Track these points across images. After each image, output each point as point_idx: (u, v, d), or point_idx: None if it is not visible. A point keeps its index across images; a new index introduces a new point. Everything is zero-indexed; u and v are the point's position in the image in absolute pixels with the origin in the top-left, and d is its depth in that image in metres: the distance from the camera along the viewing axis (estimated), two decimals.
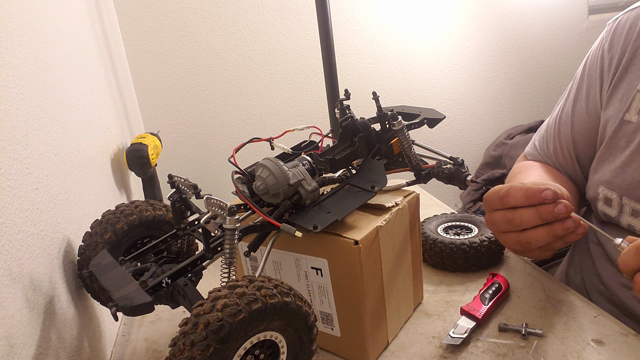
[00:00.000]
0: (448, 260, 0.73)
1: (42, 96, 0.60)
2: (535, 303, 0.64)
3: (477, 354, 0.56)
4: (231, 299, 0.39)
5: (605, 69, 0.73)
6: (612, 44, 0.72)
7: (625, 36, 0.70)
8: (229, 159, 0.55)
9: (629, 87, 0.68)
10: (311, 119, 1.79)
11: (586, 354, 0.54)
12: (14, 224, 0.45)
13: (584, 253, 0.79)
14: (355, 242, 0.50)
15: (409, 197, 0.60)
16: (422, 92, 1.87)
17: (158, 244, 0.57)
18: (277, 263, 0.58)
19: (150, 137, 1.01)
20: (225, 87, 1.70)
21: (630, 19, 0.70)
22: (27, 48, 0.58)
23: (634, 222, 0.65)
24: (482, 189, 1.78)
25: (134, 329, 0.70)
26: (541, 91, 1.98)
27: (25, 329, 0.44)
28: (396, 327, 0.61)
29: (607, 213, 0.70)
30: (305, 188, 0.52)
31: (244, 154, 0.57)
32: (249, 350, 0.41)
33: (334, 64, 1.15)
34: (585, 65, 0.78)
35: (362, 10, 1.72)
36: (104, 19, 1.22)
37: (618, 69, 0.70)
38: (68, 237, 0.60)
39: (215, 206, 0.46)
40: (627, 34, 0.70)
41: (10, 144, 0.47)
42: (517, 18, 1.87)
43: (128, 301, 0.42)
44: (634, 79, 0.68)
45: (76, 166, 0.68)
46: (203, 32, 1.62)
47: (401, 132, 0.59)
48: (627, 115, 0.67)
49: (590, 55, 0.77)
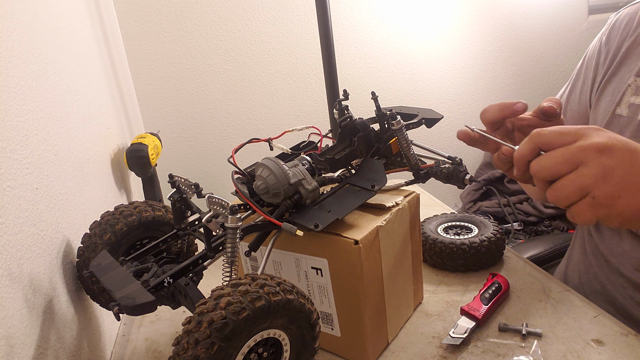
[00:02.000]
0: (448, 260, 0.73)
1: (42, 96, 0.60)
2: (535, 303, 0.64)
3: (477, 354, 0.56)
4: (234, 297, 0.39)
5: (601, 62, 0.74)
6: (610, 38, 0.73)
7: (622, 31, 0.71)
8: (229, 160, 0.55)
9: (620, 81, 0.69)
10: (311, 119, 1.79)
11: (586, 354, 0.54)
12: (14, 224, 0.45)
13: (581, 254, 0.80)
14: (355, 242, 0.50)
15: (409, 197, 0.60)
16: (422, 92, 1.87)
17: (158, 244, 0.57)
18: (277, 263, 0.58)
19: (150, 137, 1.01)
20: (225, 87, 1.70)
21: (629, 15, 0.71)
22: (27, 48, 0.58)
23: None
24: (482, 188, 1.78)
25: (134, 329, 0.70)
26: (541, 91, 1.98)
27: (24, 329, 0.44)
28: (396, 327, 0.61)
29: None
30: (305, 187, 0.52)
31: (244, 154, 0.57)
32: (252, 348, 0.41)
33: (334, 64, 1.15)
34: (586, 56, 0.79)
35: (362, 10, 1.72)
36: (104, 19, 1.22)
37: (613, 63, 0.71)
38: (68, 237, 0.60)
39: (216, 205, 0.46)
40: (624, 29, 0.71)
41: (10, 144, 0.47)
42: (517, 18, 1.87)
43: (130, 300, 0.42)
44: (625, 74, 0.69)
45: (76, 166, 0.68)
46: (203, 32, 1.62)
47: (400, 132, 0.59)
48: (618, 109, 0.68)
49: (591, 47, 0.79)
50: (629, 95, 0.67)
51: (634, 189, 0.44)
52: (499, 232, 0.75)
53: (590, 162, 0.44)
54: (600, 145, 0.44)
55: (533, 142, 0.48)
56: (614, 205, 0.44)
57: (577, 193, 0.45)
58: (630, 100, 0.67)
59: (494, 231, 0.74)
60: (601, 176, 0.43)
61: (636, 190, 0.44)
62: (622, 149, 0.44)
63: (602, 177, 0.43)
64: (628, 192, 0.43)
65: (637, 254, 0.67)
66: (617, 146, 0.44)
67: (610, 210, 0.44)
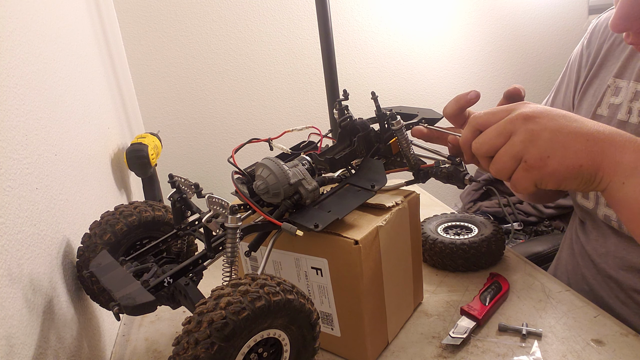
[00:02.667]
0: (448, 260, 0.73)
1: (42, 96, 0.60)
2: (535, 303, 0.64)
3: (477, 354, 0.56)
4: (234, 297, 0.39)
5: (583, 65, 0.76)
6: (590, 41, 0.75)
7: (601, 34, 0.73)
8: (229, 160, 0.55)
9: (601, 83, 0.71)
10: (311, 119, 1.79)
11: (586, 354, 0.54)
12: (14, 224, 0.45)
13: (569, 255, 0.81)
14: (355, 242, 0.50)
15: (409, 197, 0.60)
16: (422, 92, 1.87)
17: (158, 244, 0.57)
18: (277, 263, 0.58)
19: (150, 137, 1.01)
20: (225, 87, 1.70)
21: (608, 19, 0.73)
22: (27, 48, 0.58)
23: (610, 212, 0.67)
24: (482, 188, 1.78)
25: (134, 329, 0.70)
26: (541, 91, 1.98)
27: (24, 329, 0.44)
28: (396, 327, 0.61)
29: (585, 205, 0.71)
30: (305, 187, 0.52)
31: (243, 154, 0.57)
32: (252, 348, 0.41)
33: (334, 64, 1.15)
34: (569, 61, 0.81)
35: (362, 10, 1.72)
36: (104, 19, 1.22)
37: (594, 65, 0.73)
38: (68, 237, 0.60)
39: (216, 205, 0.46)
40: (603, 33, 0.73)
41: (10, 144, 0.47)
42: (517, 18, 1.87)
43: (130, 300, 0.42)
44: (606, 75, 0.70)
45: (76, 166, 0.68)
46: (203, 32, 1.62)
47: (400, 132, 0.59)
48: (598, 110, 0.70)
49: (574, 52, 0.80)
50: (608, 96, 0.69)
51: (561, 148, 0.47)
52: (499, 232, 0.75)
53: (519, 130, 0.48)
54: (525, 114, 0.48)
55: (471, 125, 0.53)
56: (546, 166, 0.47)
57: (512, 161, 0.49)
58: (610, 101, 0.68)
59: (494, 231, 0.74)
60: (529, 140, 0.47)
61: (563, 148, 0.47)
62: (547, 115, 0.48)
63: (529, 141, 0.47)
64: (556, 151, 0.47)
65: (620, 254, 0.67)
66: (542, 113, 0.48)
67: (543, 171, 0.48)
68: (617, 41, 0.70)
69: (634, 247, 0.65)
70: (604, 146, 0.47)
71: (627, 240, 0.66)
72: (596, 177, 0.48)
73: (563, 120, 0.48)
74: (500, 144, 0.49)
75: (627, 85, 0.66)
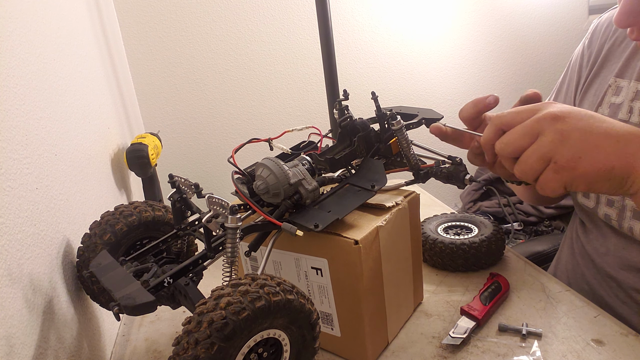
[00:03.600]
0: (448, 260, 0.73)
1: (42, 96, 0.60)
2: (535, 303, 0.64)
3: (477, 354, 0.56)
4: (234, 297, 0.39)
5: (584, 65, 0.76)
6: (592, 41, 0.75)
7: (603, 34, 0.73)
8: (229, 160, 0.55)
9: (602, 82, 0.71)
10: (311, 119, 1.79)
11: (586, 354, 0.54)
12: (14, 224, 0.45)
13: (569, 254, 0.81)
14: (355, 242, 0.50)
15: (410, 197, 0.60)
16: (421, 92, 1.87)
17: (158, 244, 0.57)
18: (277, 263, 0.58)
19: (150, 137, 1.01)
20: (225, 87, 1.70)
21: (609, 18, 0.73)
22: (27, 48, 0.58)
23: (610, 211, 0.67)
24: (482, 188, 1.78)
25: (134, 329, 0.70)
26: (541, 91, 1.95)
27: (24, 329, 0.44)
28: (396, 327, 0.61)
29: (585, 204, 0.71)
30: (305, 187, 0.52)
31: (243, 154, 0.57)
32: (252, 348, 0.41)
33: (334, 64, 1.15)
34: (570, 61, 0.81)
35: (362, 10, 1.72)
36: (104, 19, 1.22)
37: (595, 65, 0.73)
38: (68, 237, 0.60)
39: (217, 205, 0.46)
40: (605, 32, 0.73)
41: (10, 144, 0.47)
42: (517, 18, 1.87)
43: (130, 300, 0.42)
44: (607, 75, 0.70)
45: (76, 166, 0.68)
46: (203, 32, 1.62)
47: (400, 132, 0.59)
48: (599, 109, 0.70)
49: (575, 52, 0.80)
50: (609, 95, 0.69)
51: (592, 149, 0.45)
52: (499, 232, 0.75)
53: (547, 130, 0.46)
54: (554, 113, 0.46)
55: (495, 125, 0.50)
56: (577, 168, 0.45)
57: (541, 162, 0.46)
58: (611, 100, 0.68)
59: (494, 231, 0.74)
60: (559, 141, 0.45)
61: (595, 149, 0.45)
62: (576, 115, 0.46)
63: (559, 141, 0.45)
64: (587, 152, 0.45)
65: (620, 253, 0.68)
66: (571, 113, 0.46)
67: (574, 172, 0.45)
68: (618, 41, 0.70)
69: (634, 247, 0.65)
70: (635, 148, 0.45)
71: (627, 240, 0.66)
72: (628, 179, 0.46)
73: (592, 121, 0.46)
74: (527, 144, 0.47)
75: (628, 84, 0.66)
